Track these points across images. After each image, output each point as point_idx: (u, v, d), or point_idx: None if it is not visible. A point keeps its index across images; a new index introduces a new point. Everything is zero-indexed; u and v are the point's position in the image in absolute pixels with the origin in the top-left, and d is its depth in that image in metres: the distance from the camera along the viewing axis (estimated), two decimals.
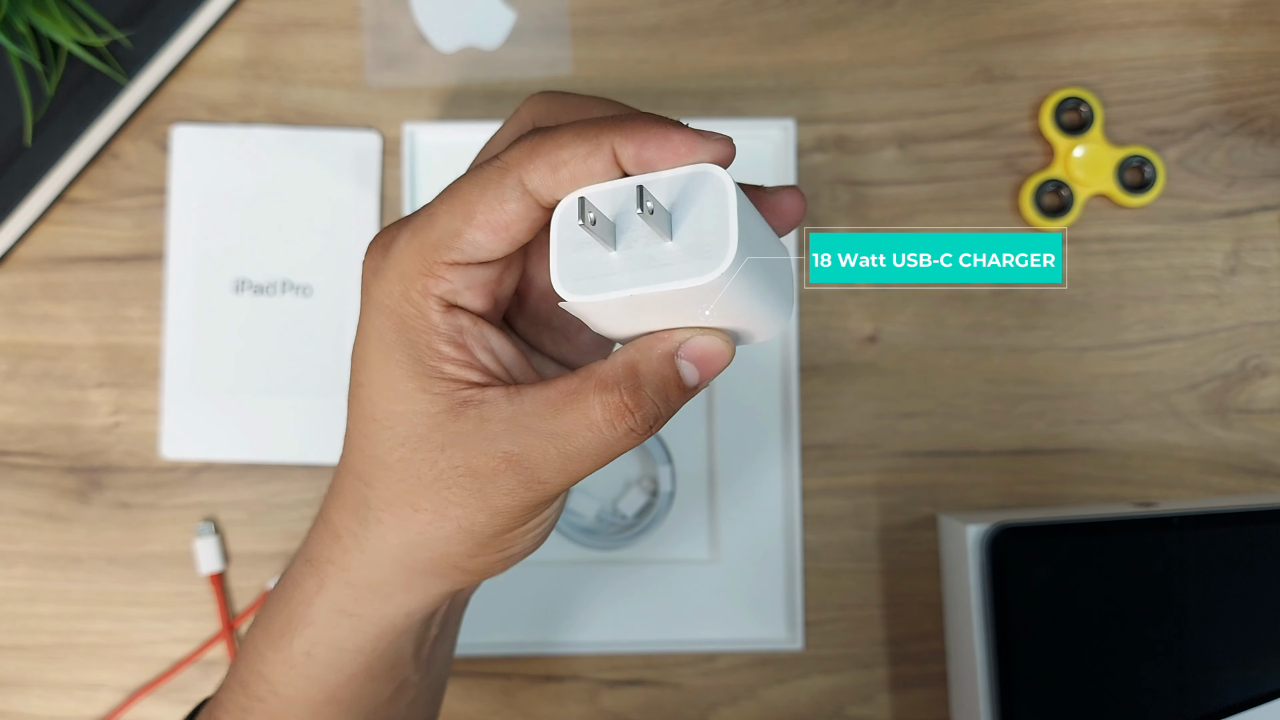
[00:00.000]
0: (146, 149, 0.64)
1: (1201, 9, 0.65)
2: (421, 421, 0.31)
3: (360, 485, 0.33)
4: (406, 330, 0.31)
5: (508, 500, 0.31)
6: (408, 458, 0.31)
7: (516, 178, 0.30)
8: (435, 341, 0.31)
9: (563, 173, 0.29)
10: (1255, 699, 0.56)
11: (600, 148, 0.29)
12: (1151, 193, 0.63)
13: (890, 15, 0.64)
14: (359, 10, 0.64)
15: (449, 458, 0.31)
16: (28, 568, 0.63)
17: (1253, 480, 0.63)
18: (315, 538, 0.36)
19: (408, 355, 0.31)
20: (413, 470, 0.31)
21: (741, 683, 0.63)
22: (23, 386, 0.63)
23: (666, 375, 0.31)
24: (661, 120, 0.29)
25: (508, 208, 0.30)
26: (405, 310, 0.31)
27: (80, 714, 0.62)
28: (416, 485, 0.32)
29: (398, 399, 0.31)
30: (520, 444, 0.30)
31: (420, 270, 0.31)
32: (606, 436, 0.30)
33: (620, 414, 0.30)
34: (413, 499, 0.32)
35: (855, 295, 0.64)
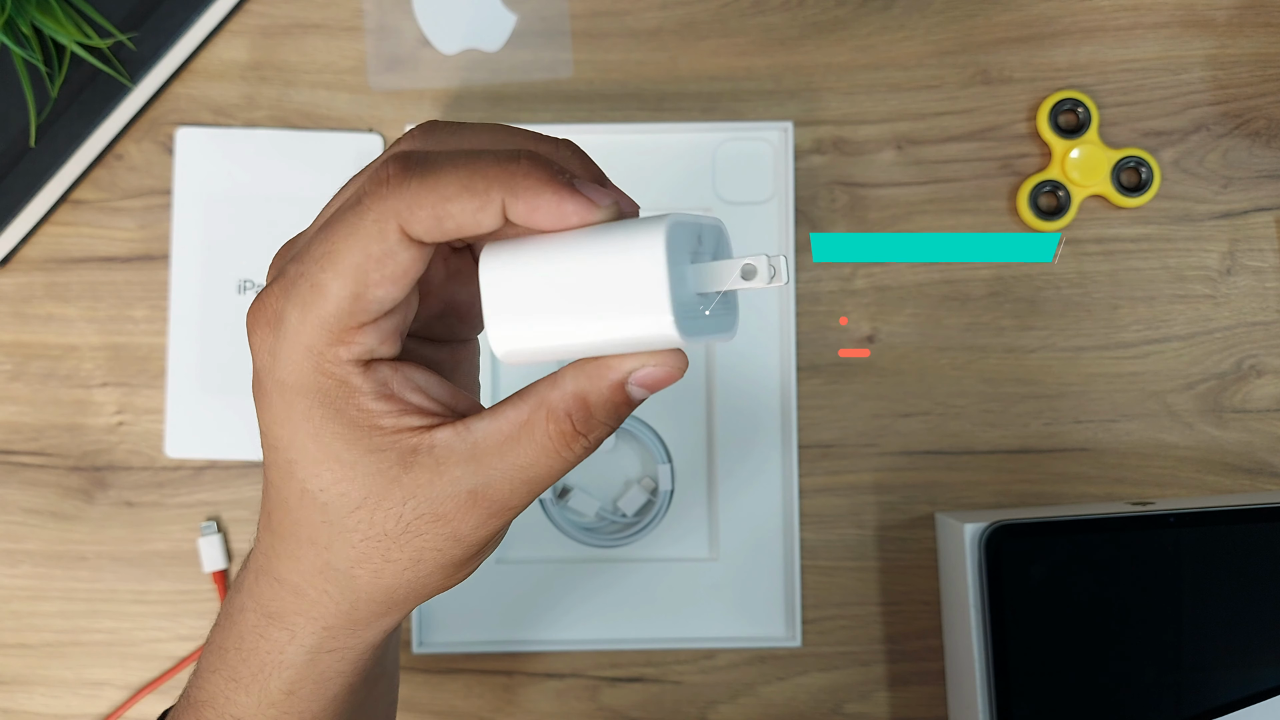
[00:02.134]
0: (150, 150, 0.64)
1: (1198, 11, 0.65)
2: (375, 481, 0.31)
3: (317, 550, 0.33)
4: (330, 402, 0.30)
5: (480, 532, 0.32)
6: (368, 518, 0.31)
7: (397, 229, 0.29)
8: (364, 403, 0.31)
9: (449, 225, 0.29)
10: (1250, 697, 0.56)
11: (490, 204, 0.29)
12: (1147, 194, 0.64)
13: (888, 18, 0.65)
14: (361, 13, 0.65)
15: (413, 508, 0.31)
16: (32, 566, 0.63)
17: (1248, 479, 0.64)
18: (270, 593, 0.35)
19: (339, 425, 0.31)
20: (376, 528, 0.32)
21: (741, 680, 0.63)
22: (28, 386, 0.64)
23: (617, 402, 0.31)
24: (554, 180, 0.29)
25: (399, 259, 0.29)
26: (322, 384, 0.30)
27: (84, 711, 0.63)
28: (384, 540, 0.32)
29: (342, 467, 0.31)
30: (482, 479, 0.31)
31: (328, 342, 0.30)
32: (564, 457, 0.31)
33: (574, 439, 0.31)
34: (383, 552, 0.32)
35: (853, 296, 0.64)
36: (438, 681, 0.63)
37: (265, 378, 0.31)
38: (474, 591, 0.61)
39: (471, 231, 0.29)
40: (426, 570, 0.32)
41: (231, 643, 0.36)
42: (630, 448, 0.63)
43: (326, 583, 0.33)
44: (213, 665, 0.37)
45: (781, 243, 0.63)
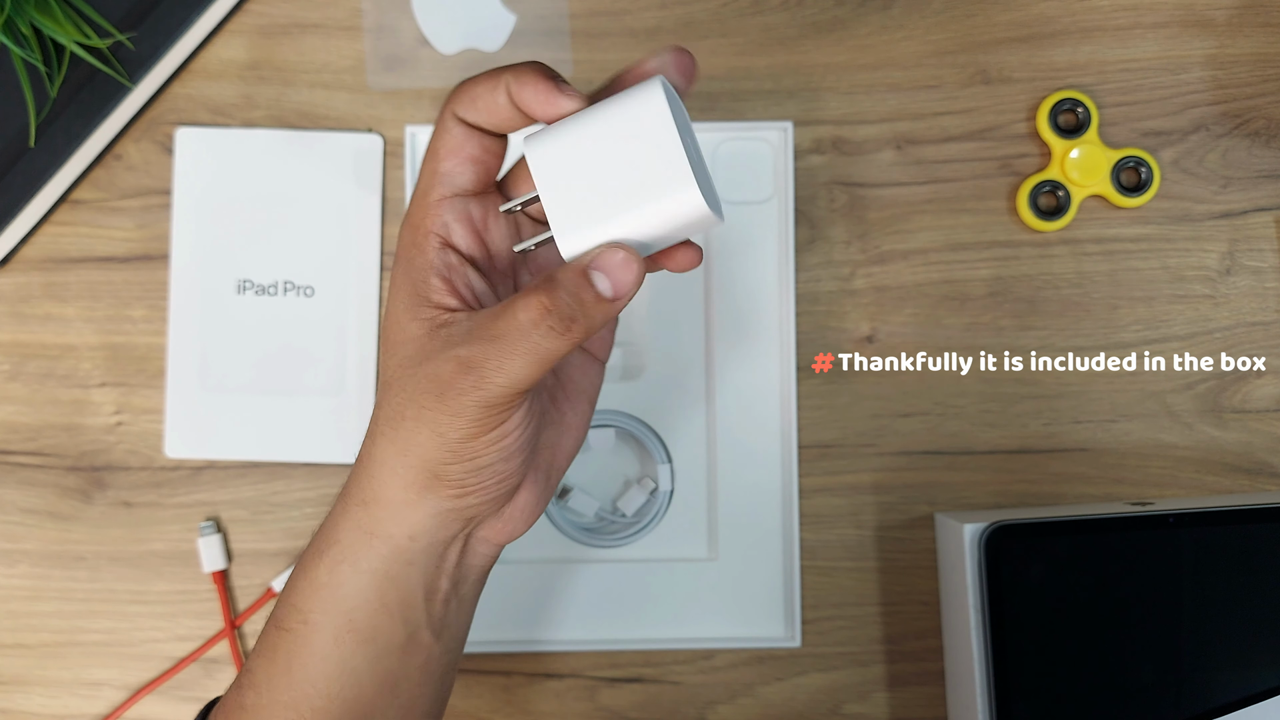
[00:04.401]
0: (149, 150, 0.64)
1: (1197, 11, 0.65)
2: (411, 344, 0.38)
3: (376, 409, 0.39)
4: (411, 270, 0.38)
5: (462, 400, 0.36)
6: (401, 376, 0.38)
7: (450, 113, 0.39)
8: (429, 275, 0.38)
9: (480, 103, 0.38)
10: (1250, 697, 0.56)
11: (499, 86, 0.38)
12: (1147, 194, 0.64)
13: (888, 18, 0.65)
14: (360, 12, 0.65)
15: (424, 369, 0.37)
16: (30, 566, 0.63)
17: (1248, 479, 0.64)
18: (358, 461, 0.41)
19: (409, 291, 0.38)
20: (403, 385, 0.38)
21: (740, 680, 0.63)
22: (26, 386, 0.64)
23: (580, 283, 0.36)
24: (544, 73, 0.38)
25: (455, 134, 0.39)
26: (412, 254, 0.39)
27: (83, 712, 0.63)
28: (404, 397, 0.38)
29: (399, 329, 0.38)
30: (469, 348, 0.36)
31: (421, 215, 0.39)
32: (532, 335, 0.36)
33: (541, 313, 0.36)
34: (402, 409, 0.38)
35: (852, 296, 0.64)
36: None
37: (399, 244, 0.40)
38: None
39: (495, 112, 0.38)
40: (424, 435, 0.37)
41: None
42: (630, 448, 0.63)
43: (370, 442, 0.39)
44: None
45: (781, 243, 0.63)
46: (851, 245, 0.64)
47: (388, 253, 0.64)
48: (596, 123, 0.37)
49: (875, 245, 0.64)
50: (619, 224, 0.36)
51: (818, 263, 0.64)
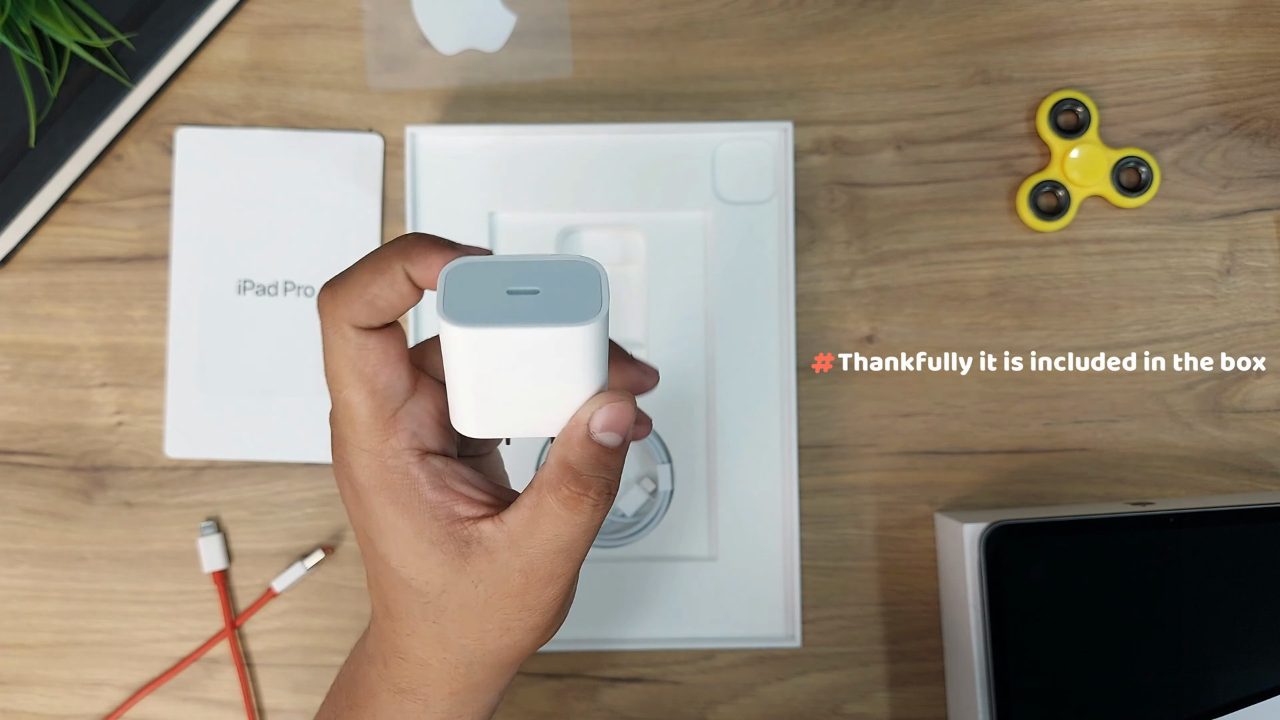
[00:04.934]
0: (149, 150, 0.64)
1: (1197, 11, 0.65)
2: (446, 569, 0.36)
3: (429, 625, 0.37)
4: (398, 498, 0.36)
5: (544, 598, 0.36)
6: (455, 598, 0.36)
7: (350, 329, 0.35)
8: (424, 493, 0.36)
9: (380, 304, 0.35)
10: (1250, 697, 0.56)
11: (397, 274, 0.34)
12: (1147, 194, 0.64)
13: (888, 18, 0.65)
14: (361, 13, 0.65)
15: (484, 590, 0.36)
16: (31, 566, 0.63)
17: (1248, 479, 0.64)
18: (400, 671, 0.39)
19: (408, 519, 0.36)
20: (465, 604, 0.36)
21: (740, 680, 0.63)
22: (27, 386, 0.64)
23: (594, 453, 0.35)
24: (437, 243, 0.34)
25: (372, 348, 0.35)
26: (390, 479, 0.36)
27: (84, 712, 0.63)
28: (474, 612, 0.36)
29: (418, 558, 0.36)
30: (525, 560, 0.36)
31: (380, 439, 0.35)
32: (579, 520, 0.35)
33: (577, 501, 0.35)
34: (479, 623, 0.37)
35: (852, 296, 0.64)
36: None
37: (353, 486, 0.36)
38: None
39: (398, 305, 0.35)
40: (517, 634, 0.37)
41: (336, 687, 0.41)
42: (630, 448, 0.63)
43: (445, 652, 0.38)
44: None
45: (781, 243, 0.63)
46: (852, 245, 0.64)
47: None
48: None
49: (875, 245, 0.64)
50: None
51: (818, 263, 0.64)
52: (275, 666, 0.63)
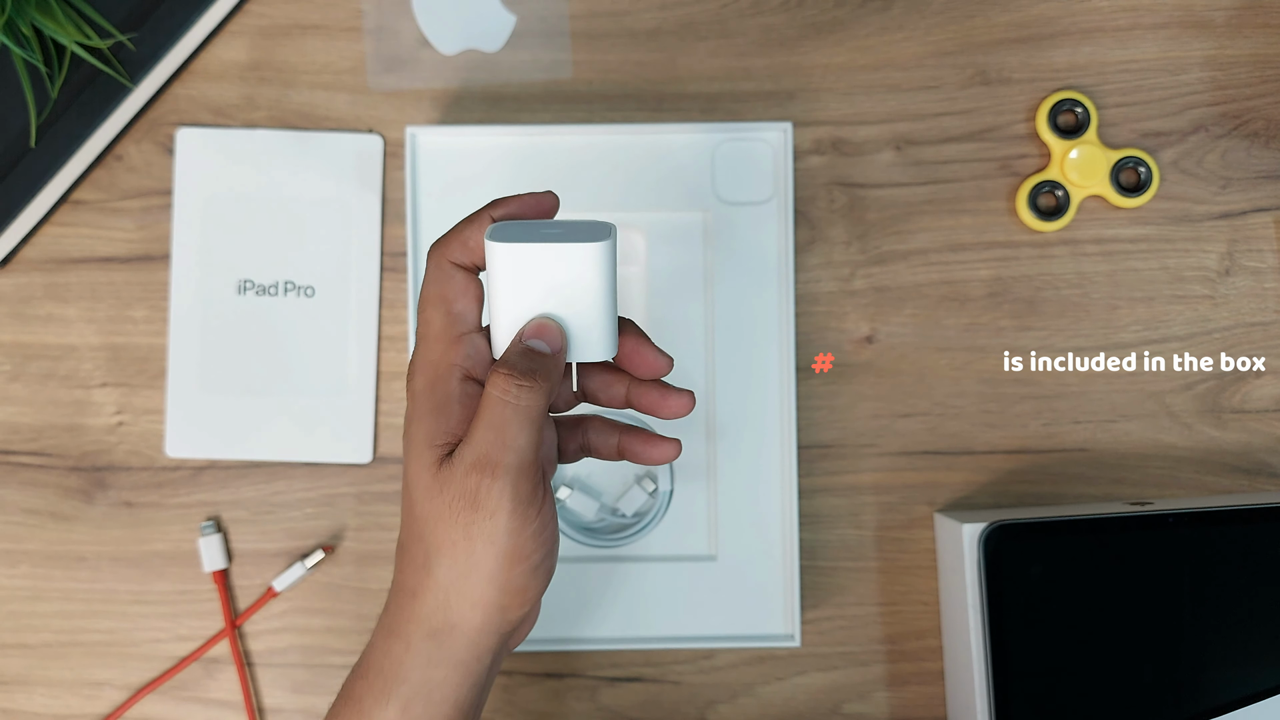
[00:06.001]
0: (150, 151, 0.64)
1: (1197, 12, 0.65)
2: (435, 474, 0.41)
3: (418, 543, 0.41)
4: (432, 404, 0.41)
5: (494, 495, 0.40)
6: (435, 506, 0.40)
7: (445, 259, 0.42)
8: (452, 405, 0.41)
9: (472, 244, 0.42)
10: (1248, 697, 0.56)
11: (481, 220, 0.42)
12: (1146, 194, 0.64)
13: (887, 19, 0.65)
14: (361, 14, 0.65)
15: (451, 493, 0.40)
16: (32, 566, 0.63)
17: (1247, 479, 0.64)
18: (393, 606, 0.43)
19: (429, 425, 0.41)
20: (440, 514, 0.40)
21: (740, 680, 0.63)
22: (27, 387, 0.64)
23: (519, 348, 0.41)
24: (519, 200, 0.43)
25: (457, 279, 0.42)
26: (433, 390, 0.41)
27: (84, 712, 0.63)
28: (446, 524, 0.40)
29: (420, 463, 0.41)
30: (471, 448, 0.40)
31: (440, 353, 0.42)
32: (511, 401, 0.40)
33: (506, 381, 0.40)
34: (449, 535, 0.40)
35: (852, 296, 0.64)
36: None
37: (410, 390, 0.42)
38: None
39: (480, 248, 0.42)
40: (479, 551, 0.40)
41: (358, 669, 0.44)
42: None
43: (427, 575, 0.41)
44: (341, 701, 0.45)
45: (781, 243, 0.63)
46: (851, 246, 0.64)
47: (388, 253, 0.64)
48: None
49: (875, 246, 0.64)
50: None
51: (818, 263, 0.64)
52: (275, 666, 0.63)
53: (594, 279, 0.41)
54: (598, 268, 0.41)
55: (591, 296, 0.41)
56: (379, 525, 0.64)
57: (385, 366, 0.64)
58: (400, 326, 0.64)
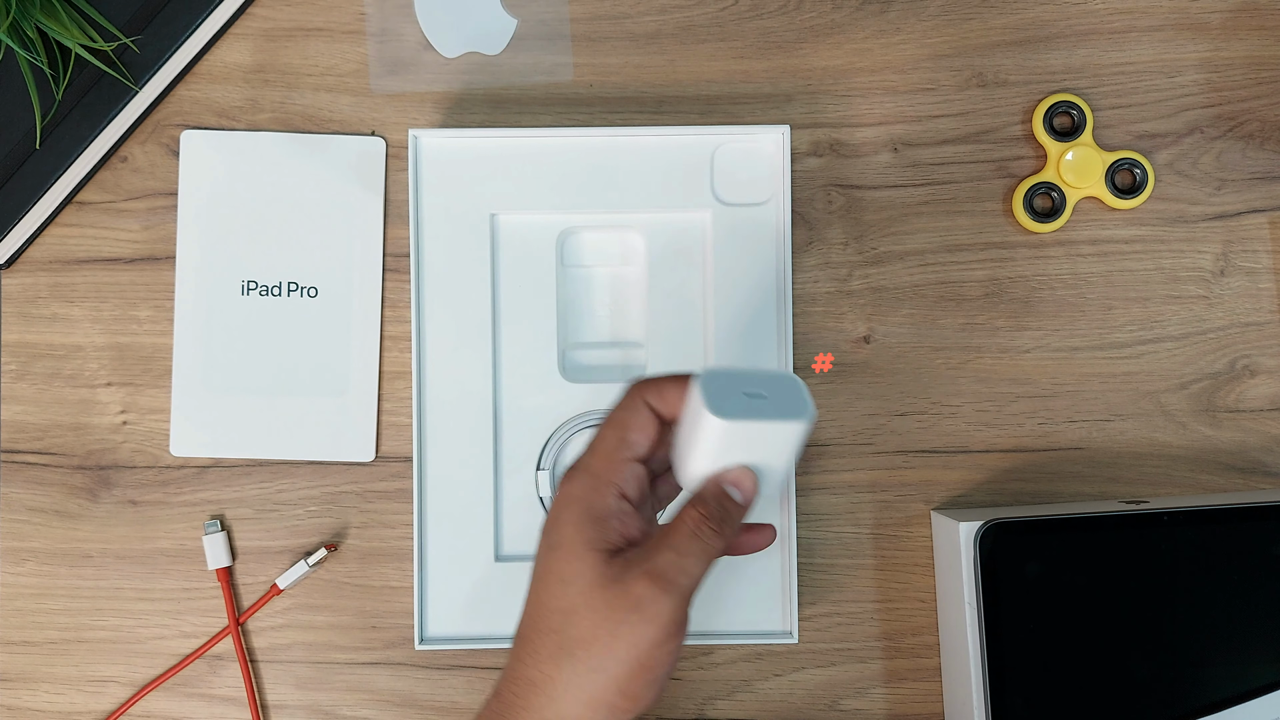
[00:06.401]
0: (154, 153, 0.65)
1: (1192, 15, 0.66)
2: (591, 572, 0.44)
3: (553, 635, 0.44)
4: (590, 511, 0.45)
5: (659, 606, 0.43)
6: (589, 601, 0.43)
7: (640, 397, 0.47)
8: (608, 519, 0.45)
9: (666, 397, 0.46)
10: (1242, 694, 0.57)
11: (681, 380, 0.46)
12: (1142, 196, 0.64)
13: (884, 22, 0.65)
14: (363, 16, 0.65)
15: (614, 591, 0.43)
16: (37, 564, 0.64)
17: (1242, 478, 0.64)
18: (507, 694, 0.45)
19: (585, 530, 0.45)
20: (593, 608, 0.43)
21: (738, 676, 0.64)
22: (32, 386, 0.64)
23: (718, 492, 0.45)
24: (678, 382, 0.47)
25: (642, 413, 0.46)
26: (591, 498, 0.45)
27: (89, 708, 0.64)
28: (596, 619, 0.43)
29: (574, 559, 0.44)
30: (654, 563, 0.44)
31: (604, 468, 0.46)
32: (698, 537, 0.44)
33: (700, 521, 0.44)
34: (594, 630, 0.43)
35: (850, 297, 0.65)
36: (439, 678, 0.64)
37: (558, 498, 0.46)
38: (474, 589, 0.62)
39: (674, 405, 0.47)
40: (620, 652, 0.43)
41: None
42: None
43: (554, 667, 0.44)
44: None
45: (779, 244, 0.63)
46: (849, 247, 0.65)
47: (391, 254, 0.65)
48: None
49: (872, 247, 0.65)
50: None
51: (815, 264, 0.65)
52: (279, 663, 0.64)
53: (787, 449, 0.46)
54: (795, 441, 0.46)
55: (781, 461, 0.46)
56: (381, 523, 0.64)
57: (387, 366, 0.65)
58: (402, 326, 0.65)
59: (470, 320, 0.63)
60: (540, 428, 0.63)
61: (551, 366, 0.63)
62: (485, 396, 0.63)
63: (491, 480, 0.63)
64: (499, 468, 0.63)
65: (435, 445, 0.62)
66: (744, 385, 0.45)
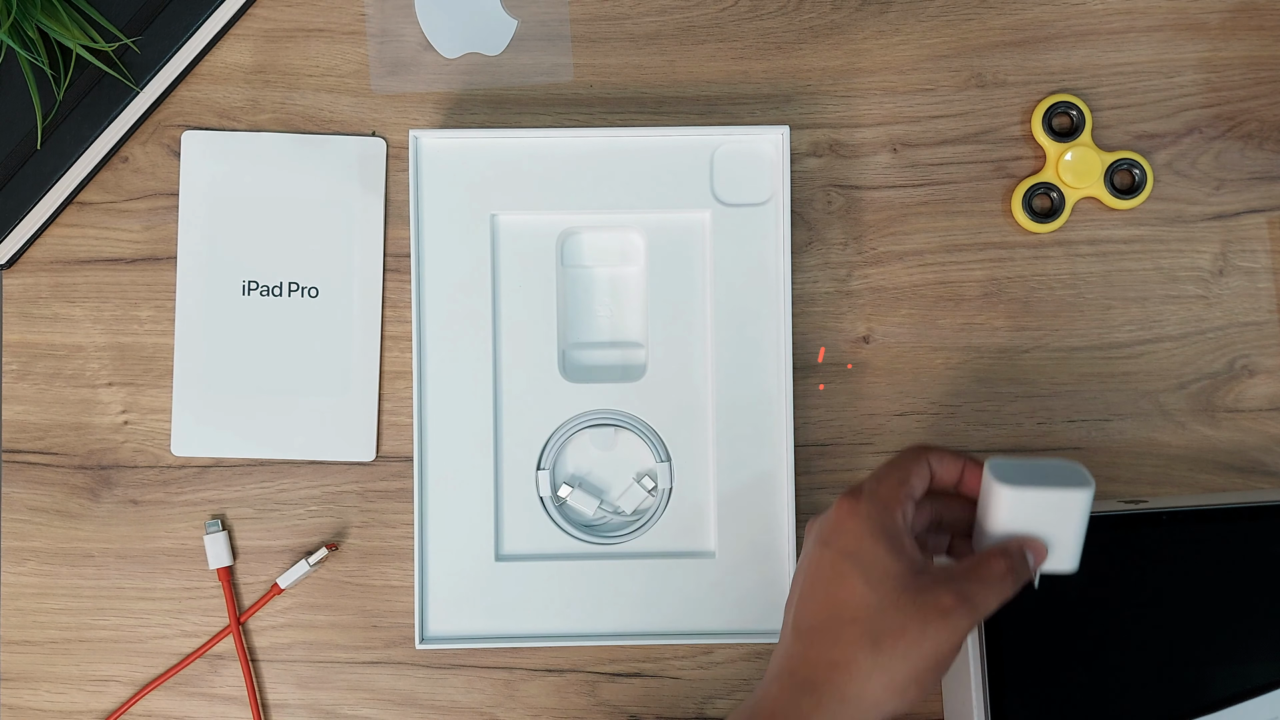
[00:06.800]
0: (155, 153, 0.65)
1: (1191, 15, 0.66)
2: (904, 575, 0.49)
3: (857, 625, 0.48)
4: (887, 528, 0.50)
5: (959, 620, 0.48)
6: (897, 601, 0.48)
7: (927, 457, 0.52)
8: (903, 535, 0.50)
9: (945, 466, 0.52)
10: (1242, 694, 0.57)
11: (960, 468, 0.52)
12: (1140, 196, 0.64)
13: (884, 22, 0.65)
14: (364, 17, 0.66)
15: (925, 598, 0.48)
16: (38, 564, 0.64)
17: (1240, 478, 0.64)
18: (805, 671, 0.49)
19: (887, 542, 0.49)
20: (901, 608, 0.48)
21: (738, 675, 0.64)
22: (34, 386, 0.65)
23: (1019, 549, 0.50)
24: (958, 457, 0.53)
25: (923, 471, 0.52)
26: (885, 519, 0.50)
27: (90, 708, 0.64)
28: (905, 617, 0.48)
29: (884, 566, 0.49)
30: (964, 587, 0.49)
31: (893, 498, 0.51)
32: (1002, 582, 0.49)
33: (1008, 569, 0.49)
34: (904, 626, 0.48)
35: (849, 297, 0.65)
36: (439, 677, 0.64)
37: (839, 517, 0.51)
38: (475, 588, 0.62)
39: (951, 474, 0.53)
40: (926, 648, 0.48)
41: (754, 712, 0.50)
42: (630, 446, 0.64)
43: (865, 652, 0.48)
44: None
45: (779, 244, 0.63)
46: (848, 247, 0.65)
47: (391, 254, 0.65)
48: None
49: (871, 247, 0.65)
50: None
51: (815, 264, 0.65)
52: (280, 662, 0.64)
53: (1073, 518, 0.51)
54: (1079, 510, 0.50)
55: (1069, 531, 0.51)
56: (382, 523, 0.64)
57: (388, 366, 0.65)
58: (403, 326, 0.65)
59: (470, 320, 0.63)
60: (540, 428, 0.63)
61: (551, 366, 0.63)
62: (485, 396, 0.63)
63: (491, 480, 0.63)
64: (499, 468, 0.63)
65: (435, 445, 0.62)
66: (1029, 468, 0.51)
